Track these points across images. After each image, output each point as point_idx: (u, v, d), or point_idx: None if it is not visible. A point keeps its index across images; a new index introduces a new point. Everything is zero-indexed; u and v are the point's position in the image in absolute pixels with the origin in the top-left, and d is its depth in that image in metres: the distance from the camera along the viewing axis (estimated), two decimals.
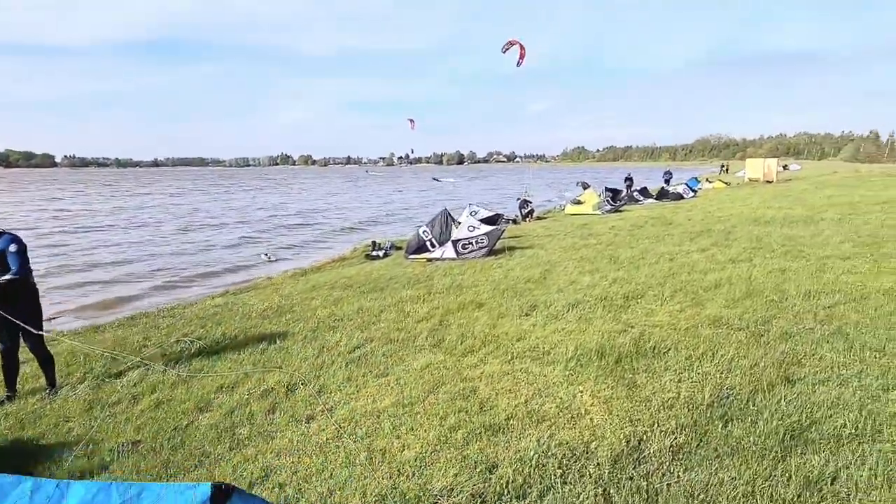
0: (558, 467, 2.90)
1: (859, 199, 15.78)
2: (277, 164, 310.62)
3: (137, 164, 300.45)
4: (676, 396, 3.57)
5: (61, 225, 23.24)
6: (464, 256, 10.46)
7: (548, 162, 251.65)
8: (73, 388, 4.73)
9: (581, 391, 3.79)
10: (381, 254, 12.68)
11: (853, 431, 2.97)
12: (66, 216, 27.70)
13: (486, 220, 13.46)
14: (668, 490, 2.65)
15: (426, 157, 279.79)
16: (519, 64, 16.79)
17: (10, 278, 4.36)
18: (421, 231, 11.61)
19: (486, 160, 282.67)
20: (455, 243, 10.79)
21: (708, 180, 33.30)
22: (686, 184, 26.42)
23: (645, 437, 3.12)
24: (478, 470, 2.93)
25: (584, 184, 26.24)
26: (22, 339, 4.55)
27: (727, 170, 57.64)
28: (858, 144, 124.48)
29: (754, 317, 5.11)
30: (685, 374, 3.94)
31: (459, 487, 2.80)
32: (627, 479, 2.76)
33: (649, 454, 2.95)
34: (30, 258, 4.75)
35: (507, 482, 2.80)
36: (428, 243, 11.32)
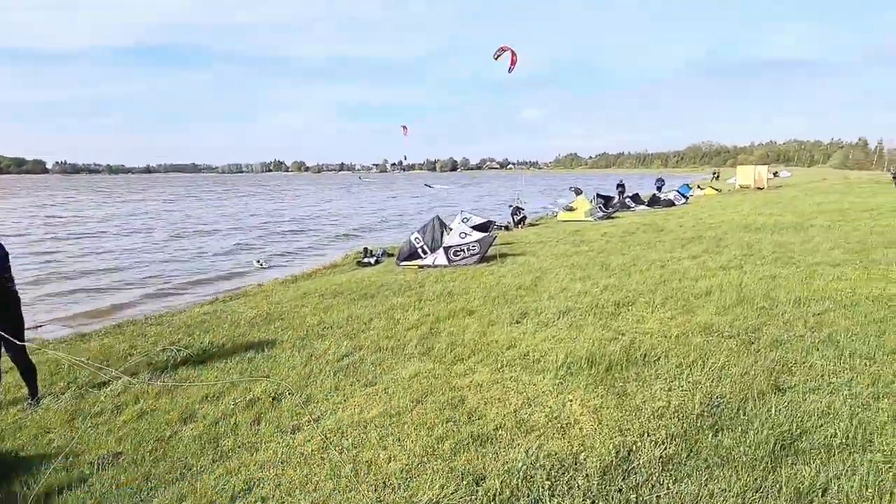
0: (546, 479, 2.85)
1: (848, 206, 15.91)
2: (270, 170, 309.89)
3: (129, 171, 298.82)
4: (667, 405, 3.54)
5: (52, 231, 23.03)
6: (455, 263, 10.42)
7: (540, 169, 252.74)
8: (56, 399, 4.64)
9: (571, 400, 3.75)
10: (372, 260, 12.61)
11: (844, 441, 2.95)
12: (57, 223, 27.46)
13: (477, 227, 13.43)
14: (657, 502, 2.61)
15: (419, 164, 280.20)
16: (510, 70, 16.85)
17: None
18: (413, 238, 11.56)
19: (479, 167, 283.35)
20: (447, 250, 10.75)
21: (699, 187, 33.53)
22: (677, 190, 26.56)
23: (634, 447, 3.08)
24: (465, 482, 2.87)
25: (577, 189, 26.36)
26: (3, 348, 4.45)
27: (718, 177, 58.10)
28: (847, 151, 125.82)
29: (745, 324, 5.10)
30: (675, 382, 3.91)
31: (445, 501, 2.74)
32: (616, 491, 2.72)
33: (639, 465, 2.91)
34: (20, 265, 4.66)
35: (495, 495, 2.75)
36: (420, 250, 11.26)
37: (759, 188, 32.71)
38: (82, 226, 25.72)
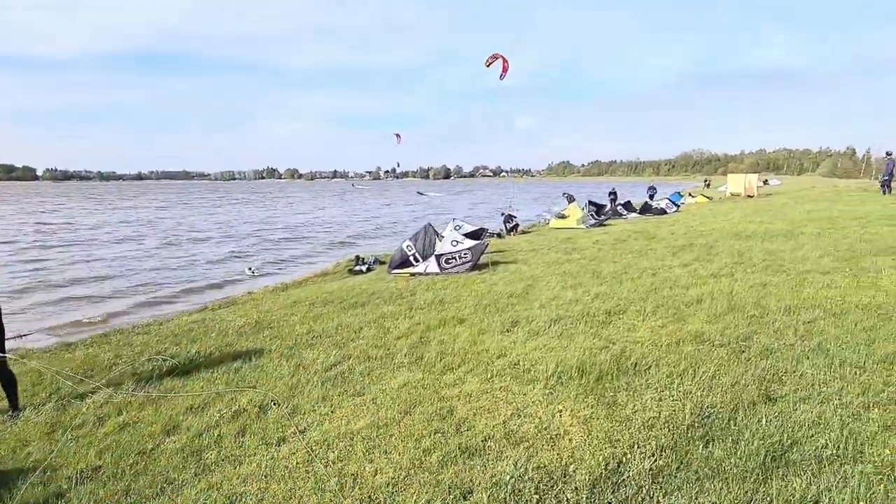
0: (535, 493, 2.80)
1: (837, 214, 16.01)
2: (263, 177, 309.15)
3: (121, 178, 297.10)
4: (657, 416, 3.50)
5: (42, 239, 22.76)
6: (447, 271, 10.37)
7: (533, 176, 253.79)
8: (37, 410, 4.54)
9: (561, 410, 3.70)
10: (364, 268, 12.55)
11: (835, 452, 2.92)
12: (47, 230, 27.16)
13: (469, 235, 13.43)
14: None
15: (413, 172, 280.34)
16: (502, 77, 16.93)
17: None
18: (404, 245, 11.51)
19: (472, 174, 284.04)
20: (438, 258, 10.71)
21: (691, 195, 33.71)
22: (669, 198, 26.69)
23: (624, 459, 3.04)
24: (452, 496, 2.82)
25: (569, 196, 26.44)
26: None
27: (709, 185, 58.54)
28: (836, 160, 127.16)
29: (735, 332, 5.08)
30: (666, 392, 3.87)
31: None
32: None
33: (628, 477, 2.87)
34: (8, 274, 4.58)
35: None
36: (412, 258, 11.21)
37: (749, 196, 32.91)
38: (72, 233, 25.47)
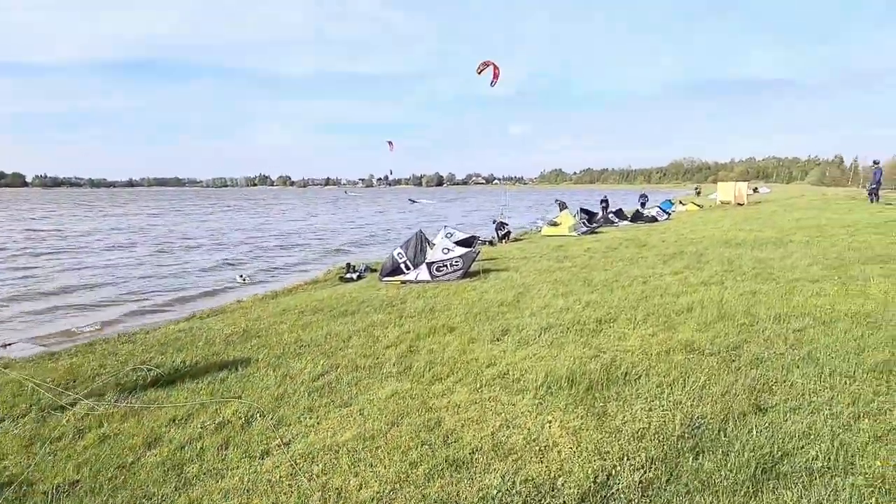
0: None
1: (826, 222, 16.14)
2: (255, 184, 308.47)
3: (112, 185, 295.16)
4: (647, 427, 3.46)
5: (31, 246, 22.45)
6: (438, 279, 10.32)
7: (525, 184, 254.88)
8: (15, 422, 4.43)
9: (550, 421, 3.65)
10: (355, 276, 12.47)
11: (825, 464, 2.89)
12: (36, 237, 26.83)
13: (461, 242, 13.38)
14: None
15: (405, 179, 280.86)
16: (493, 84, 17.00)
17: None
18: (395, 253, 11.46)
19: (465, 182, 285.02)
20: (429, 266, 10.66)
21: (681, 202, 33.92)
22: (659, 206, 26.83)
23: (614, 471, 2.99)
24: None
25: (562, 203, 26.52)
26: None
27: (699, 193, 59.03)
28: (824, 168, 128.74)
29: (726, 341, 5.06)
30: (656, 402, 3.84)
31: None
32: None
33: (617, 490, 2.82)
34: None
35: None
36: (403, 265, 11.16)
37: (739, 204, 33.18)
38: (63, 240, 25.16)
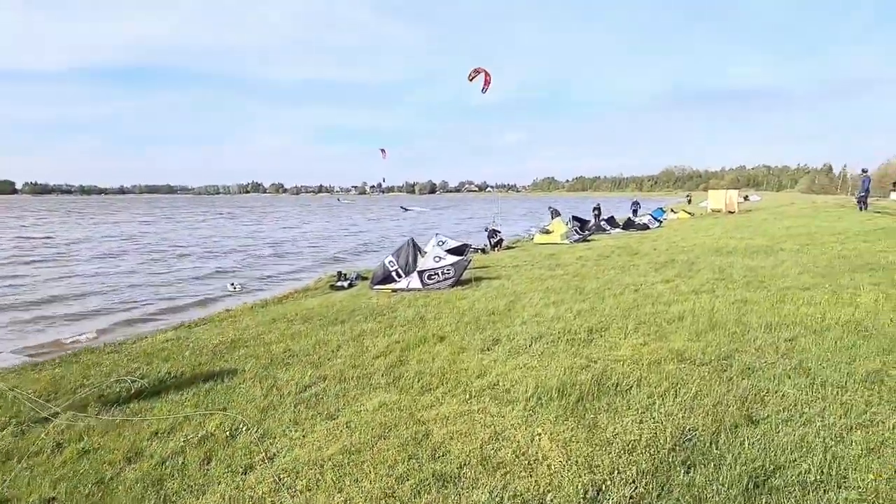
0: None
1: (815, 230, 16.24)
2: (248, 191, 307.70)
3: (103, 192, 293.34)
4: (638, 439, 3.40)
5: (20, 255, 22.14)
6: (429, 287, 10.26)
7: (519, 192, 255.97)
8: None
9: (540, 434, 3.59)
10: (346, 284, 12.37)
11: (818, 477, 2.84)
12: (26, 245, 26.47)
13: (453, 250, 13.33)
14: None
15: (398, 186, 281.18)
16: (484, 91, 17.05)
17: None
18: (387, 261, 11.40)
19: (458, 190, 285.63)
20: (421, 274, 10.60)
21: (673, 210, 34.12)
22: (651, 214, 26.98)
23: (604, 486, 2.93)
24: None
25: (555, 211, 26.58)
26: None
27: (690, 200, 59.44)
28: (813, 176, 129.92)
29: (717, 351, 5.03)
30: (647, 413, 3.78)
31: None
32: None
33: None
34: None
35: None
36: (394, 273, 11.10)
37: (730, 212, 33.41)
38: (53, 248, 24.85)
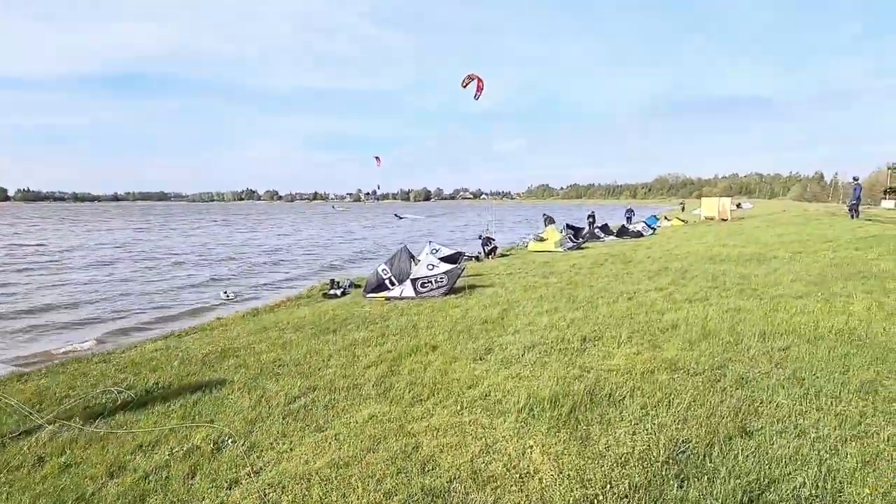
0: None
1: (807, 238, 16.31)
2: (242, 199, 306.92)
3: (96, 199, 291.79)
4: (631, 451, 3.35)
5: (13, 262, 21.90)
6: (423, 295, 10.20)
7: (513, 199, 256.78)
8: None
9: (531, 446, 3.53)
10: (339, 292, 12.29)
11: (813, 492, 2.79)
12: (17, 252, 26.19)
13: (446, 258, 13.29)
14: None
15: (393, 194, 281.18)
16: (477, 97, 17.09)
17: None
18: (380, 269, 11.34)
19: (452, 197, 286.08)
20: (414, 282, 10.54)
21: (666, 218, 34.25)
22: (645, 222, 27.05)
23: (596, 500, 2.87)
24: None
25: (549, 218, 26.63)
26: None
27: (684, 208, 59.82)
28: (805, 184, 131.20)
29: (710, 360, 5.00)
30: (640, 424, 3.73)
31: None
32: None
33: None
34: None
35: None
36: (387, 281, 11.03)
37: (723, 219, 33.56)
38: (45, 256, 24.59)
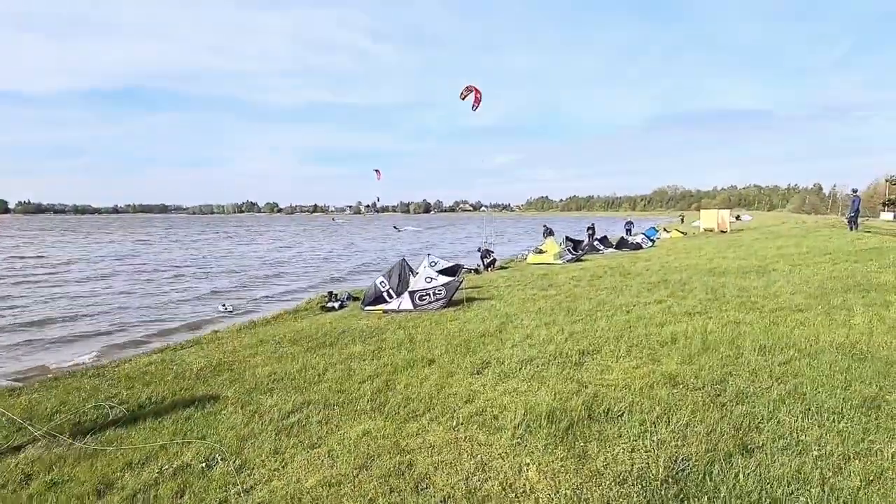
0: None
1: (807, 250, 16.26)
2: (242, 211, 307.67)
3: (97, 211, 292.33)
4: (629, 470, 3.28)
5: (12, 275, 21.82)
6: (421, 308, 10.14)
7: (513, 211, 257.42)
8: None
9: (528, 464, 3.46)
10: (336, 305, 12.22)
11: None
12: (18, 265, 26.11)
13: (445, 271, 13.25)
14: None
15: (393, 206, 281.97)
16: (474, 108, 17.16)
17: None
18: (378, 281, 11.30)
19: (452, 209, 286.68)
20: (412, 294, 10.48)
21: (665, 230, 34.26)
22: (644, 234, 27.05)
23: None
24: None
25: (549, 230, 26.64)
26: None
27: (683, 220, 59.94)
28: (804, 196, 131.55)
29: (710, 375, 4.92)
30: (639, 441, 3.66)
31: None
32: None
33: None
34: None
35: None
36: (385, 294, 10.98)
37: (722, 231, 33.57)
38: (45, 269, 24.50)
